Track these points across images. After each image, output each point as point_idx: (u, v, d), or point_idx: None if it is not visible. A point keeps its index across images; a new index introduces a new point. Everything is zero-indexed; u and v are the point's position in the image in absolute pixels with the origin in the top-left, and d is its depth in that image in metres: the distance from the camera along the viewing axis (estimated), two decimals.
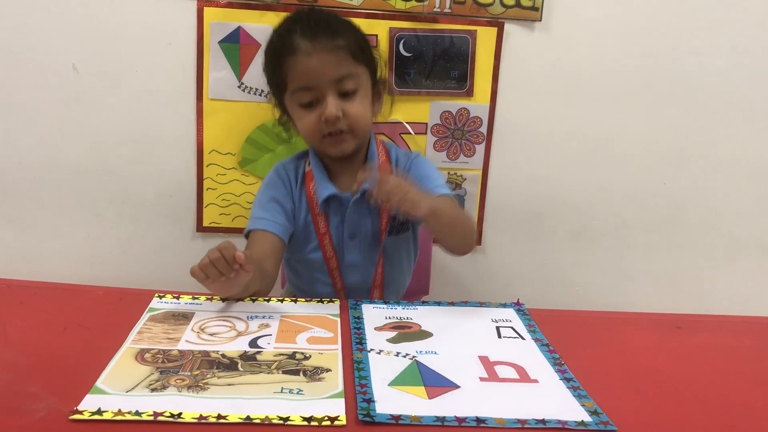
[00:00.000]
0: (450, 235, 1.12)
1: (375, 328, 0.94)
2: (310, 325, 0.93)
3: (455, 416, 0.71)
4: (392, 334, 0.92)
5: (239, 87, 1.49)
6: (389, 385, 0.77)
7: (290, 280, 1.33)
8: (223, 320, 0.94)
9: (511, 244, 1.64)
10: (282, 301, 1.02)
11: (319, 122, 1.13)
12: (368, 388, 0.76)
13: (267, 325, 0.92)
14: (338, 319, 0.96)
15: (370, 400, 0.73)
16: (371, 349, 0.86)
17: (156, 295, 1.01)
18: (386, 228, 1.20)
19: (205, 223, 1.57)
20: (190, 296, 1.01)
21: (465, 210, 1.18)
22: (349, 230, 1.20)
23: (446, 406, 0.73)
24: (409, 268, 1.31)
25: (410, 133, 1.54)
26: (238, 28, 1.46)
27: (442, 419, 0.70)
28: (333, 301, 1.02)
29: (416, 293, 1.47)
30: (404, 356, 0.85)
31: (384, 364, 0.82)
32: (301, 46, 1.11)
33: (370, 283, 1.22)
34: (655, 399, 0.78)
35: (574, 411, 0.74)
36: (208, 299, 1.01)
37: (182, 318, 0.94)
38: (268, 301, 1.02)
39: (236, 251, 0.92)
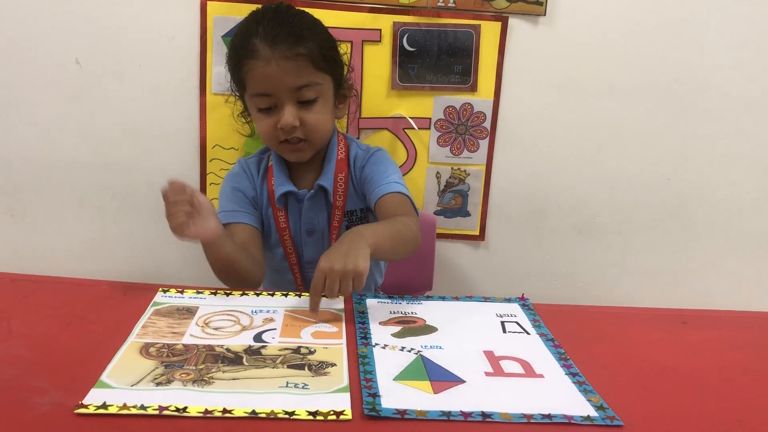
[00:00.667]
0: (395, 255, 1.08)
1: (379, 323, 0.94)
2: (315, 320, 0.93)
3: (461, 411, 0.71)
4: (397, 328, 0.92)
5: None
6: (394, 379, 0.77)
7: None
8: (228, 314, 0.94)
9: (514, 239, 1.63)
10: (286, 295, 1.02)
11: (276, 128, 1.11)
12: (373, 383, 0.76)
13: (271, 320, 0.92)
14: (343, 314, 0.96)
15: (375, 395, 0.73)
16: (376, 344, 0.86)
17: (160, 289, 1.01)
18: (339, 225, 1.20)
19: None
20: (194, 290, 1.01)
21: (411, 209, 1.14)
22: (306, 226, 1.20)
23: (452, 401, 0.73)
24: (377, 264, 1.29)
25: (414, 128, 1.53)
26: None
27: (448, 414, 0.70)
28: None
29: (419, 288, 1.47)
30: (409, 351, 0.85)
31: (389, 358, 0.82)
32: (260, 50, 1.07)
33: None
34: (661, 394, 0.78)
35: (580, 406, 0.74)
36: (212, 293, 1.00)
37: (186, 312, 0.94)
38: (273, 295, 1.02)
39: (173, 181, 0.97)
